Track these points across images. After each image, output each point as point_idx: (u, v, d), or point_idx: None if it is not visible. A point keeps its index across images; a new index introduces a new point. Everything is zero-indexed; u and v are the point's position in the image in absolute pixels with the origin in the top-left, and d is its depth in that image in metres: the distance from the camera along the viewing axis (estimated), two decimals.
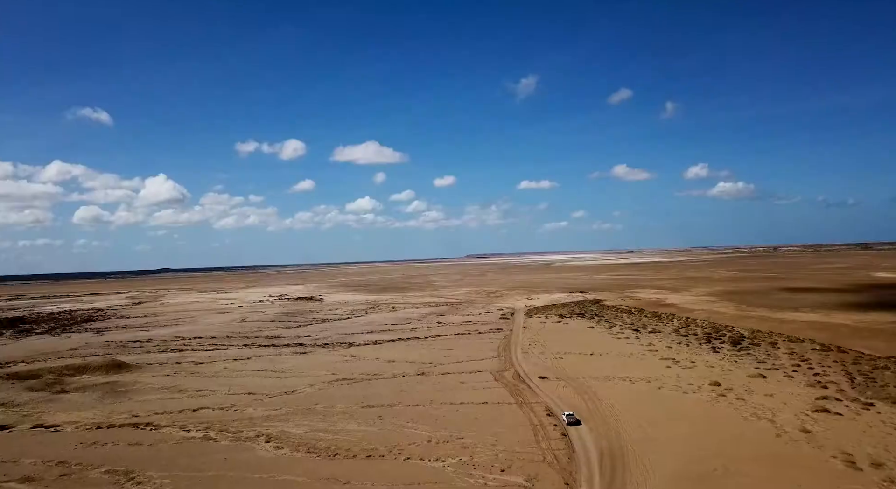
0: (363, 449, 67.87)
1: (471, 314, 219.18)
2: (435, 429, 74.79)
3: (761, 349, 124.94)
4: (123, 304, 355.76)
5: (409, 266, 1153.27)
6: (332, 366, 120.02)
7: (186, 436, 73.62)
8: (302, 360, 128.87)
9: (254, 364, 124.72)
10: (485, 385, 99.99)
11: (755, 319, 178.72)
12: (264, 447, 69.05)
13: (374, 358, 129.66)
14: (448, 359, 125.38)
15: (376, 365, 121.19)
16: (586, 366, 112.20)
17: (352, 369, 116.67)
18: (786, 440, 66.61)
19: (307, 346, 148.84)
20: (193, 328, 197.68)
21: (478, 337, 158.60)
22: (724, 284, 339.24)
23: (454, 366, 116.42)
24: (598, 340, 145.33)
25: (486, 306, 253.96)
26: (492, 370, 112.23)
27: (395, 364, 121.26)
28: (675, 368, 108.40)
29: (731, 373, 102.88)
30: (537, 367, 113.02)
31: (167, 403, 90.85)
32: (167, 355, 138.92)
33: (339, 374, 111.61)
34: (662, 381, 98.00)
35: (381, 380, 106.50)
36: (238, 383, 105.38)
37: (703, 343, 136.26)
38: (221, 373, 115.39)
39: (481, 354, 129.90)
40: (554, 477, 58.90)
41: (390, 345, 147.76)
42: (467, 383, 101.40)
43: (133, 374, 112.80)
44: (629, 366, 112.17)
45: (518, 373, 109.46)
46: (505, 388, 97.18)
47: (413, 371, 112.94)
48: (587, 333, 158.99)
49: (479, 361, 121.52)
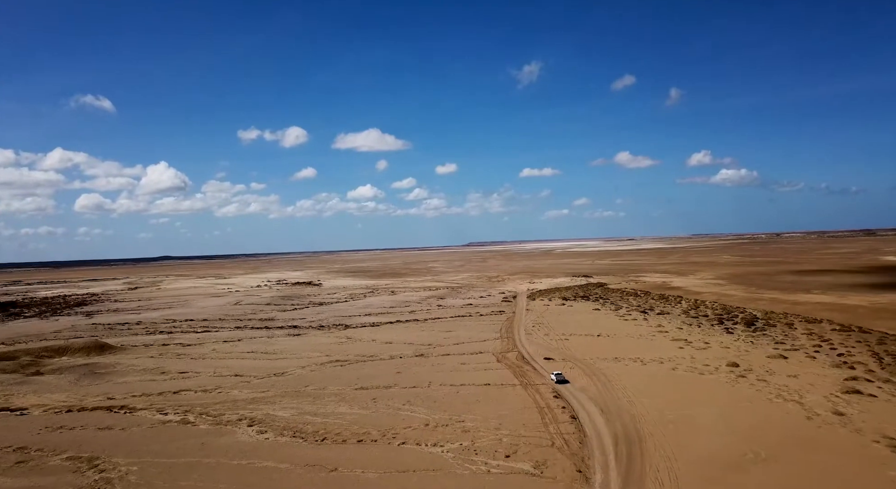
0: (354, 433, 61.91)
1: (472, 297, 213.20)
2: (433, 411, 68.82)
3: (777, 330, 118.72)
4: (119, 289, 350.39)
5: (410, 253, 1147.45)
6: (326, 348, 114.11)
7: (163, 420, 67.69)
8: (295, 342, 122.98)
9: (244, 346, 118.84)
10: (487, 366, 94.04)
11: (766, 301, 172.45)
12: (246, 431, 63.10)
13: (371, 340, 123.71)
14: (448, 340, 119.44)
15: (372, 346, 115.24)
16: (594, 348, 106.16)
17: (346, 351, 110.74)
18: (818, 423, 60.48)
19: (301, 329, 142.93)
20: (186, 311, 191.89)
21: (479, 319, 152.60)
22: (729, 268, 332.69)
23: (454, 348, 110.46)
24: (604, 322, 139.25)
25: (488, 290, 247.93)
26: (494, 351, 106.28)
27: (393, 346, 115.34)
28: (688, 349, 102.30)
29: (749, 354, 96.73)
30: (542, 349, 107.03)
31: (147, 385, 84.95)
32: (154, 337, 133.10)
33: (333, 356, 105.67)
34: (676, 362, 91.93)
35: (377, 361, 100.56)
36: (225, 365, 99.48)
37: (715, 324, 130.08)
38: (209, 354, 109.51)
39: (483, 336, 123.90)
40: (564, 463, 52.89)
41: (388, 328, 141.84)
42: (468, 364, 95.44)
43: (115, 356, 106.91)
44: (639, 347, 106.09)
45: (522, 354, 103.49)
46: (508, 370, 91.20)
47: (411, 352, 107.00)
48: (593, 315, 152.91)
49: (480, 343, 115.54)
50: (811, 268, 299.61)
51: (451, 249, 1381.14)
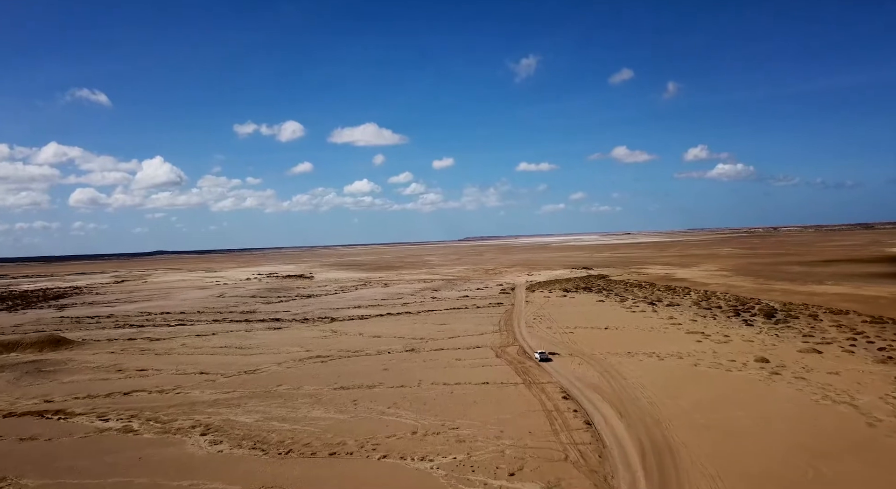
0: (326, 443, 51.63)
1: (468, 289, 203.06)
2: (422, 416, 58.62)
3: (801, 322, 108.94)
4: (104, 283, 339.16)
5: (406, 248, 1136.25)
6: (308, 342, 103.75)
7: (101, 428, 57.24)
8: (274, 336, 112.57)
9: (218, 340, 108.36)
10: (485, 362, 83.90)
11: (779, 292, 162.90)
12: (197, 441, 52.73)
13: (358, 333, 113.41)
14: (442, 333, 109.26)
15: (359, 340, 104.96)
16: (602, 341, 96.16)
17: (329, 345, 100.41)
18: (885, 431, 50.52)
19: (284, 322, 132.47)
20: (165, 303, 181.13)
21: (476, 311, 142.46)
22: (732, 260, 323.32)
23: (449, 342, 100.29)
24: (610, 314, 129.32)
25: (485, 282, 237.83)
26: (493, 346, 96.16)
27: (381, 339, 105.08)
28: (707, 343, 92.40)
29: (777, 348, 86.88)
30: (545, 343, 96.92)
31: (95, 385, 74.42)
32: (122, 331, 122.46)
33: (314, 351, 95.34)
34: (697, 357, 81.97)
35: (363, 357, 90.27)
36: (192, 361, 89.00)
37: (731, 316, 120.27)
38: (177, 349, 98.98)
39: (480, 329, 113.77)
40: (583, 482, 42.79)
41: (377, 320, 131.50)
42: (464, 360, 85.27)
43: (71, 352, 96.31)
44: (652, 340, 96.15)
45: (523, 348, 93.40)
46: (509, 366, 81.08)
47: (401, 347, 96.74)
48: (597, 307, 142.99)
49: (477, 336, 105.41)
50: (817, 260, 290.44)
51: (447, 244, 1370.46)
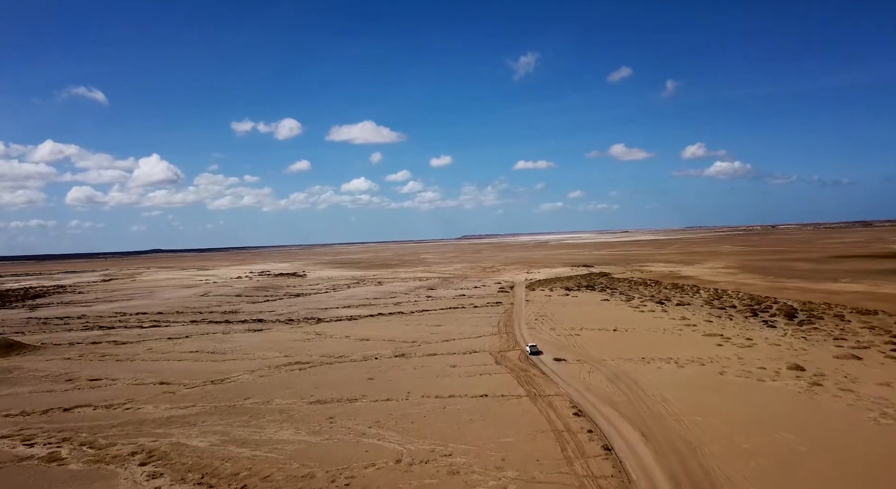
0: (290, 476, 42.33)
1: (465, 287, 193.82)
2: (409, 438, 49.35)
3: (827, 323, 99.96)
4: (92, 281, 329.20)
5: (403, 246, 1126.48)
6: (288, 346, 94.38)
7: (22, 455, 47.75)
8: (253, 339, 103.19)
9: (190, 344, 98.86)
10: (483, 369, 74.67)
11: (794, 291, 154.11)
12: (133, 474, 43.33)
13: (345, 336, 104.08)
14: (436, 336, 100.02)
15: (344, 344, 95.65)
16: (612, 345, 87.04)
17: (311, 350, 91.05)
18: None
19: (267, 323, 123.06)
20: (145, 303, 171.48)
21: (473, 311, 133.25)
22: (736, 258, 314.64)
23: (444, 346, 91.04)
24: (617, 314, 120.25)
25: (483, 280, 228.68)
26: (492, 350, 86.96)
27: (369, 343, 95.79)
28: (728, 347, 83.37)
29: (808, 353, 77.87)
30: (550, 346, 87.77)
31: (35, 399, 64.91)
32: (88, 333, 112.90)
33: (294, 356, 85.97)
34: (721, 364, 72.88)
35: (346, 363, 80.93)
36: (155, 369, 79.52)
37: (748, 316, 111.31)
38: (141, 355, 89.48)
39: (478, 331, 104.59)
40: None
41: (367, 321, 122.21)
42: (460, 367, 76.02)
43: (21, 358, 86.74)
44: (667, 344, 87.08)
45: (526, 353, 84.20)
46: (510, 374, 71.88)
47: (390, 351, 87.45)
48: (603, 306, 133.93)
49: (475, 339, 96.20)
50: (824, 256, 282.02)
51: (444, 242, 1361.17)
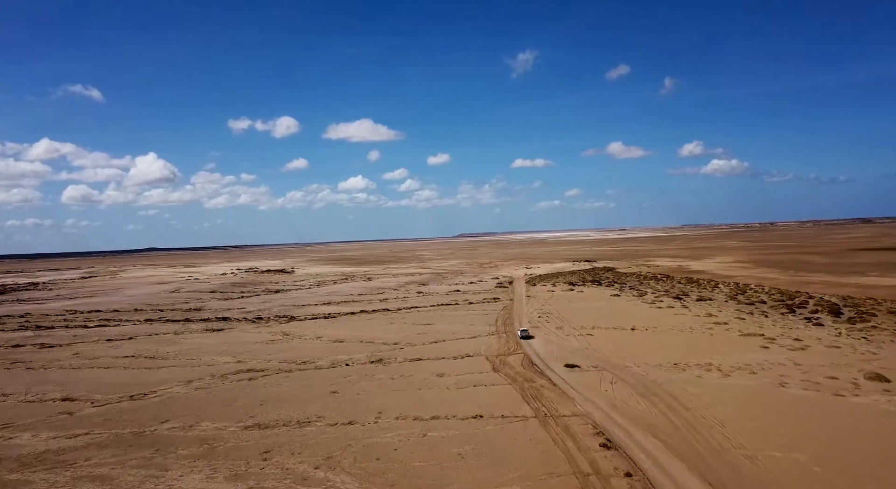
0: None
1: (460, 283, 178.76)
2: (368, 487, 34.24)
3: (884, 320, 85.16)
4: (69, 278, 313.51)
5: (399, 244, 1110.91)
6: (246, 349, 79.14)
7: None
8: (208, 340, 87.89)
9: (129, 347, 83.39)
10: (478, 378, 59.65)
11: (821, 284, 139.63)
12: None
13: (316, 337, 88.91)
14: (423, 337, 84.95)
15: (313, 346, 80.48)
16: (633, 347, 72.16)
17: (272, 354, 75.85)
18: None
19: (231, 321, 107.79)
20: (107, 300, 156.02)
21: (468, 308, 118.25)
22: (744, 253, 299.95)
23: (431, 349, 75.99)
24: (632, 310, 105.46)
25: (479, 275, 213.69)
26: (489, 353, 71.95)
27: (343, 346, 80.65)
28: (776, 350, 68.59)
29: (880, 357, 63.06)
30: (558, 349, 72.83)
31: None
32: (15, 335, 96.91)
33: (248, 362, 70.77)
34: (776, 372, 58.01)
35: (309, 371, 65.78)
36: (68, 379, 64.13)
37: (784, 312, 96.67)
38: (62, 361, 73.92)
39: (472, 330, 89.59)
40: None
41: (346, 320, 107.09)
42: (448, 376, 60.98)
43: None
44: (701, 346, 72.26)
45: (529, 358, 69.21)
46: (512, 385, 56.88)
47: (365, 356, 72.31)
48: (613, 302, 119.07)
49: (468, 340, 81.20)
50: (839, 251, 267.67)
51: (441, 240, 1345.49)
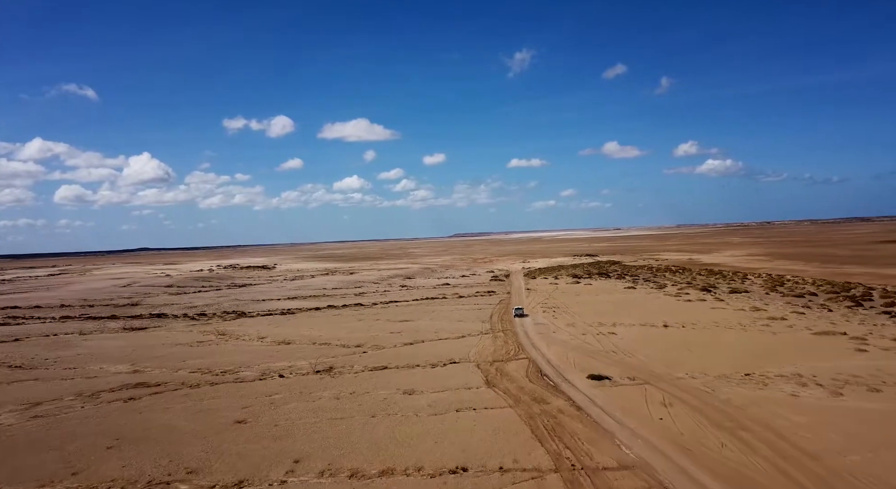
0: None
1: (450, 276, 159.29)
2: None
3: None
4: (34, 276, 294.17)
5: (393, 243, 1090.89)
6: (156, 355, 59.28)
7: None
8: (115, 343, 67.87)
9: (3, 351, 63.40)
10: (463, 398, 40.07)
11: (865, 276, 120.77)
12: None
13: (259, 337, 69.07)
14: (396, 337, 65.36)
15: (248, 350, 60.70)
16: (676, 349, 52.83)
17: (187, 361, 56.03)
18: None
19: (166, 318, 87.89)
20: (43, 295, 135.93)
21: (457, 302, 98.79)
22: (756, 247, 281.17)
23: (403, 353, 56.40)
24: (655, 304, 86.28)
25: (472, 269, 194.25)
26: (481, 359, 52.40)
27: (288, 349, 60.95)
28: (879, 354, 49.47)
29: None
30: (574, 352, 53.37)
31: None
32: None
33: (146, 373, 50.89)
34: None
35: (223, 387, 45.98)
36: None
37: (852, 306, 77.47)
38: None
39: (461, 328, 70.04)
40: None
41: (306, 316, 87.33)
42: (421, 395, 41.38)
43: None
44: (769, 348, 52.98)
45: (537, 364, 49.69)
46: (514, 409, 37.31)
47: (311, 363, 52.62)
48: (630, 295, 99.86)
49: (454, 341, 61.66)
50: (858, 243, 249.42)
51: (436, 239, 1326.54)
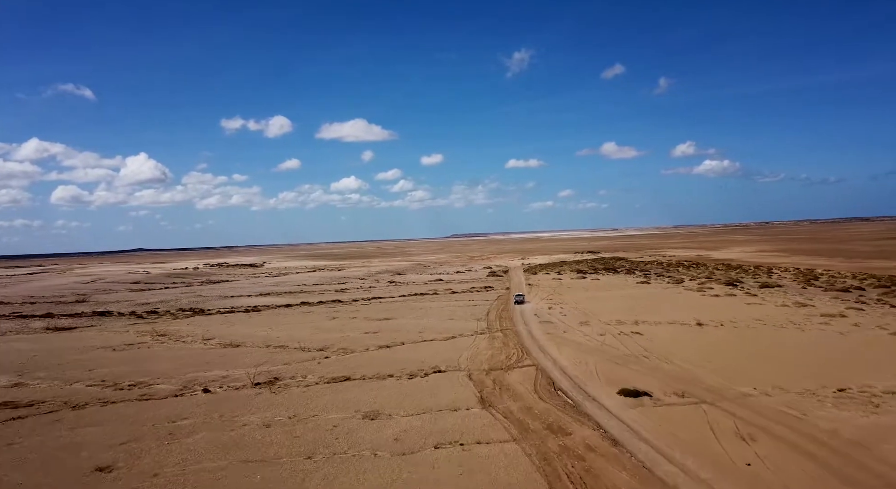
0: None
1: (444, 272, 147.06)
2: None
3: None
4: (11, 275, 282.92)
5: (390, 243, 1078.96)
6: (60, 362, 46.82)
7: None
8: (20, 346, 55.46)
9: None
10: (447, 428, 27.74)
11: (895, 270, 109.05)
12: None
13: (204, 339, 56.62)
14: (370, 339, 52.98)
15: (182, 356, 48.23)
16: (726, 354, 40.63)
17: (97, 369, 43.57)
18: None
19: (108, 317, 75.40)
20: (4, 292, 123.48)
21: (449, 298, 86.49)
22: (765, 244, 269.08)
23: (375, 359, 44.01)
24: (678, 300, 74.11)
25: (468, 265, 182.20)
26: (474, 367, 40.02)
27: (233, 353, 48.51)
28: None
29: None
30: (592, 356, 41.05)
31: None
32: None
33: (30, 387, 38.36)
34: None
35: (119, 406, 33.49)
36: None
37: None
38: None
39: (451, 327, 57.67)
40: None
41: (271, 314, 74.82)
42: (388, 420, 29.03)
43: None
44: (848, 355, 40.89)
45: (548, 374, 37.37)
46: (519, 445, 24.98)
47: (250, 375, 40.24)
48: (645, 290, 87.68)
49: (442, 343, 49.32)
50: (869, 239, 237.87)
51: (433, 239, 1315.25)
